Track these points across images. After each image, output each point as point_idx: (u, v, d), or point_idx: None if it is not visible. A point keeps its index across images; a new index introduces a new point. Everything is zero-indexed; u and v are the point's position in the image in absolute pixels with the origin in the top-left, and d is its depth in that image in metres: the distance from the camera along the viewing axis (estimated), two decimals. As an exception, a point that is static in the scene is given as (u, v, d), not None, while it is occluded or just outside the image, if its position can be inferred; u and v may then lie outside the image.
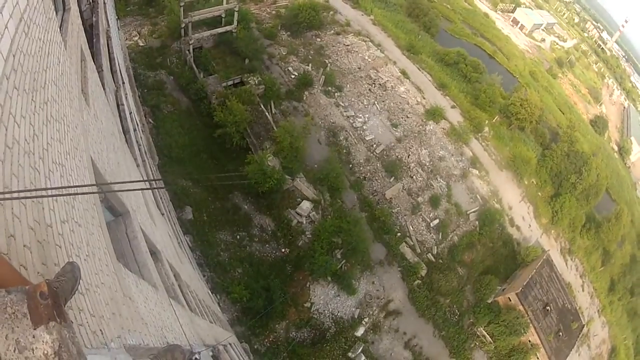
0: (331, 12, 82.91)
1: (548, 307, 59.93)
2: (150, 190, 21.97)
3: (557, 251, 75.52)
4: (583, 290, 77.31)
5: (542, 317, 59.41)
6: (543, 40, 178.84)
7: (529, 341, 58.67)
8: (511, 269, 65.70)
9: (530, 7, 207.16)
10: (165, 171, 47.75)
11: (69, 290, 4.03)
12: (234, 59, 63.71)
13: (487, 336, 57.53)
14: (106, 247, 8.08)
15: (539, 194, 78.65)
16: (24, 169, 4.48)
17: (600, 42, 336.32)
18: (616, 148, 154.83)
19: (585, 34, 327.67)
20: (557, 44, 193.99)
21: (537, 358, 58.83)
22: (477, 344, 57.30)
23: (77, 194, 6.47)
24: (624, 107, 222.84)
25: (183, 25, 56.61)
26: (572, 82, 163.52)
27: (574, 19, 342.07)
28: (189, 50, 59.56)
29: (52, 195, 5.27)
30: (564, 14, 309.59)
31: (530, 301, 58.61)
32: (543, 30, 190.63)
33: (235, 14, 61.49)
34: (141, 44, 62.88)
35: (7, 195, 3.82)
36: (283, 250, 50.56)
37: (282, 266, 49.36)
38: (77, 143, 7.74)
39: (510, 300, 58.96)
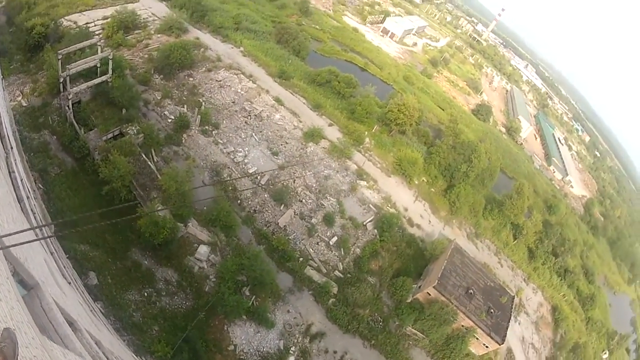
0: (202, 49, 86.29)
1: (471, 291, 64.19)
2: (53, 260, 22.42)
3: (464, 238, 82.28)
4: (502, 266, 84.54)
5: (468, 301, 63.42)
6: (415, 44, 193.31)
7: (462, 326, 62.34)
8: (422, 265, 70.29)
9: (400, 15, 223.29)
10: (63, 238, 46.06)
11: (12, 355, 4.58)
12: (112, 110, 64.68)
13: (418, 333, 61.09)
14: (28, 321, 8.50)
15: (432, 189, 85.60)
16: None
17: (475, 35, 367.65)
18: (504, 130, 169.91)
19: (459, 30, 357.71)
20: (430, 45, 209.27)
21: (477, 338, 62.53)
22: (410, 343, 60.53)
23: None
24: (507, 91, 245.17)
25: (61, 79, 57.36)
26: (449, 78, 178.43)
27: (445, 18, 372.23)
28: (68, 106, 60.10)
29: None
30: (435, 15, 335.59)
31: (450, 290, 62.65)
32: (414, 34, 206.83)
33: (110, 62, 63.14)
34: (24, 104, 62.82)
35: None
36: (191, 299, 51.19)
37: (195, 315, 49.80)
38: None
39: (430, 295, 62.52)
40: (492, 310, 64.32)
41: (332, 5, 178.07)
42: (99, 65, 62.96)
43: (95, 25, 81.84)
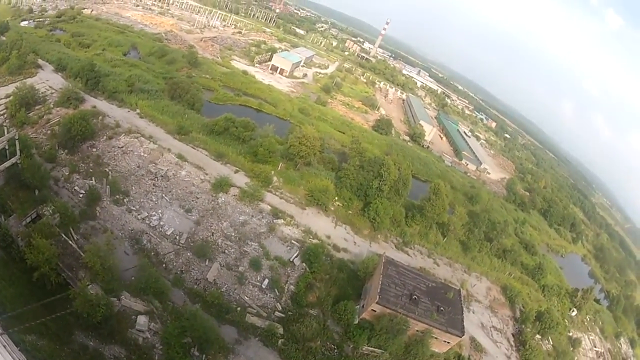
0: (100, 117, 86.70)
1: (414, 296, 67.69)
2: (8, 354, 23.50)
3: (393, 249, 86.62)
4: (439, 266, 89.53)
5: (414, 306, 66.82)
6: (305, 75, 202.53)
7: (417, 331, 65.34)
8: (359, 286, 73.42)
9: (287, 49, 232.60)
10: (11, 331, 46.52)
11: None
12: (26, 193, 63.98)
13: (376, 350, 63.46)
14: None
15: (349, 212, 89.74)
16: None
17: (363, 54, 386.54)
18: (408, 138, 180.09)
19: (347, 52, 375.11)
20: (320, 73, 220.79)
21: (436, 337, 65.67)
22: None
23: None
24: (403, 100, 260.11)
25: None
26: (344, 101, 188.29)
27: (332, 44, 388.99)
28: None
29: None
30: (321, 42, 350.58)
31: (394, 300, 65.90)
32: (303, 66, 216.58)
33: (17, 143, 62.88)
34: None
35: None
36: None
37: None
38: None
39: (375, 311, 65.36)
40: (441, 308, 68.40)
41: (220, 52, 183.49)
42: (7, 147, 63.20)
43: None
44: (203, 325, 54.14)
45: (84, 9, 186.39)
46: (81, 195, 68.86)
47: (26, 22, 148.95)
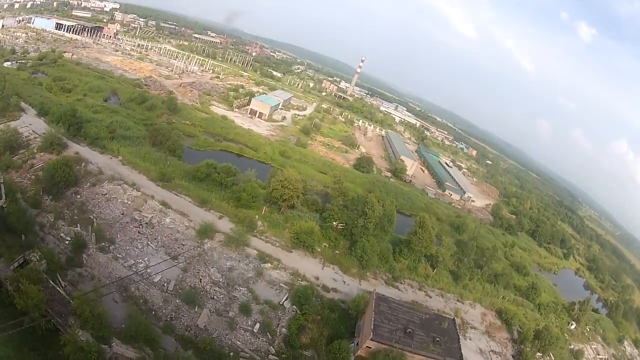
0: (83, 164, 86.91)
1: (409, 330, 67.40)
2: None
3: (383, 285, 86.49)
4: (431, 297, 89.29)
5: (409, 339, 66.52)
6: (284, 118, 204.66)
7: None
8: (351, 325, 72.88)
9: (265, 92, 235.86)
10: None
11: None
12: (12, 237, 63.51)
13: None
14: None
15: (336, 252, 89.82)
16: None
17: (341, 93, 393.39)
18: (389, 174, 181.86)
19: (324, 93, 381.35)
20: (298, 115, 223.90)
21: None
22: None
23: None
24: (382, 137, 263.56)
25: None
26: (324, 142, 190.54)
27: (309, 85, 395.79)
28: None
29: None
30: (298, 84, 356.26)
31: (388, 336, 65.51)
32: (282, 108, 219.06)
33: (2, 186, 63.12)
34: None
35: None
36: None
37: None
38: None
39: (370, 348, 64.86)
40: (437, 338, 68.12)
41: (198, 97, 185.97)
42: None
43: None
44: (197, 372, 52.54)
45: (65, 52, 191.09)
46: (67, 242, 68.54)
47: (9, 63, 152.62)
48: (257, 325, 65.95)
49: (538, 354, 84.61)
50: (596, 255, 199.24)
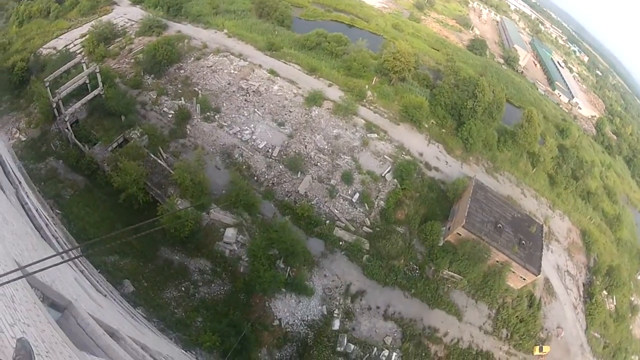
0: (186, 41, 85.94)
1: (499, 225, 64.35)
2: (84, 277, 23.00)
3: (483, 173, 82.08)
4: (526, 197, 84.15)
5: (498, 235, 63.52)
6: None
7: (497, 261, 62.73)
8: (447, 207, 70.35)
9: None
10: (90, 254, 46.53)
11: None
12: (111, 121, 65.14)
13: (455, 275, 61.75)
14: (63, 340, 8.95)
15: (443, 130, 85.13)
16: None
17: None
18: (502, 61, 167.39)
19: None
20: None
21: (513, 272, 62.94)
22: (449, 286, 61.36)
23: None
24: (497, 22, 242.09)
25: (54, 105, 58.56)
26: (437, 19, 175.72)
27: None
28: (67, 128, 60.83)
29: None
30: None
31: (479, 227, 62.83)
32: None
33: (98, 75, 63.72)
34: (23, 139, 64.17)
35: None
36: (228, 283, 52.12)
37: (236, 298, 50.97)
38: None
39: (460, 235, 62.80)
40: (523, 241, 64.40)
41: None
42: (87, 81, 63.64)
43: (74, 46, 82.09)
44: (291, 237, 54.14)
45: None
46: (170, 116, 68.94)
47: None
48: (357, 195, 64.84)
49: (604, 292, 77.50)
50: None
